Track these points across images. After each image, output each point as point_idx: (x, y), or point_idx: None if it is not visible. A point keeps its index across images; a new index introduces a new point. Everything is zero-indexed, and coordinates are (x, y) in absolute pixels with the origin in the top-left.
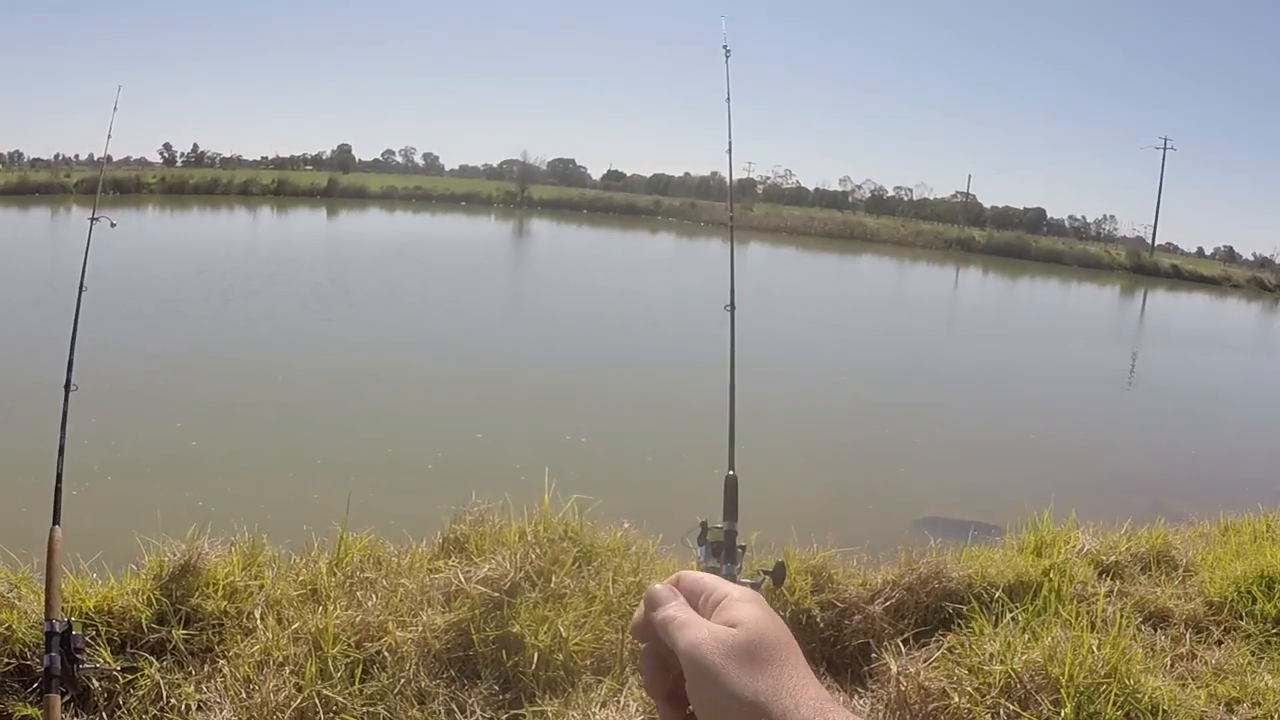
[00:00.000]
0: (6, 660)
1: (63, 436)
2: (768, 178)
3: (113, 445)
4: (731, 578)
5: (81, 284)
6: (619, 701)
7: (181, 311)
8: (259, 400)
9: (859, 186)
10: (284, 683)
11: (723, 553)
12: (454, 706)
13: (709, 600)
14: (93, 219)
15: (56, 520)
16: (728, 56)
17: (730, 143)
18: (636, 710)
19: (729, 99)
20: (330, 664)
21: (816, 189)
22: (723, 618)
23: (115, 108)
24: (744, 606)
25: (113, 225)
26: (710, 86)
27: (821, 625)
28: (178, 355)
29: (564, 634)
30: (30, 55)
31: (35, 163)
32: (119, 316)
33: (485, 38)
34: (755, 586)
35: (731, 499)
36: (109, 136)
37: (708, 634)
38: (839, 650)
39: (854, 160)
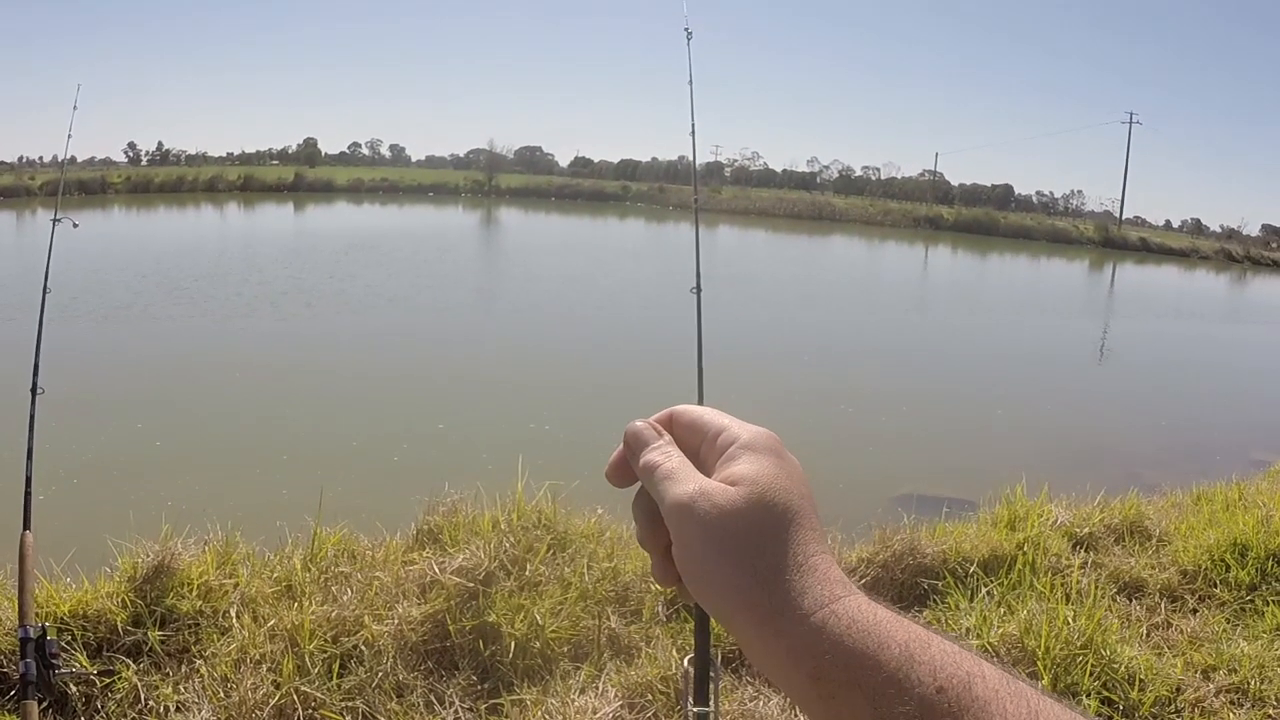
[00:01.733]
0: None
1: (31, 440)
2: (735, 160)
3: (80, 448)
4: None
5: (45, 286)
6: (597, 688)
7: (145, 312)
8: (224, 398)
9: (826, 167)
10: (262, 680)
11: None
12: (433, 698)
13: (715, 441)
14: (55, 220)
15: (27, 525)
16: (689, 39)
17: (693, 125)
18: (615, 696)
19: (691, 81)
20: (308, 660)
21: (784, 170)
22: (728, 469)
23: (75, 107)
24: (752, 459)
25: (75, 226)
26: (674, 69)
27: None
28: (142, 356)
29: (540, 622)
30: None
31: None
32: (84, 318)
33: (449, 26)
34: None
35: None
36: (69, 136)
37: (697, 491)
38: None
39: (821, 141)
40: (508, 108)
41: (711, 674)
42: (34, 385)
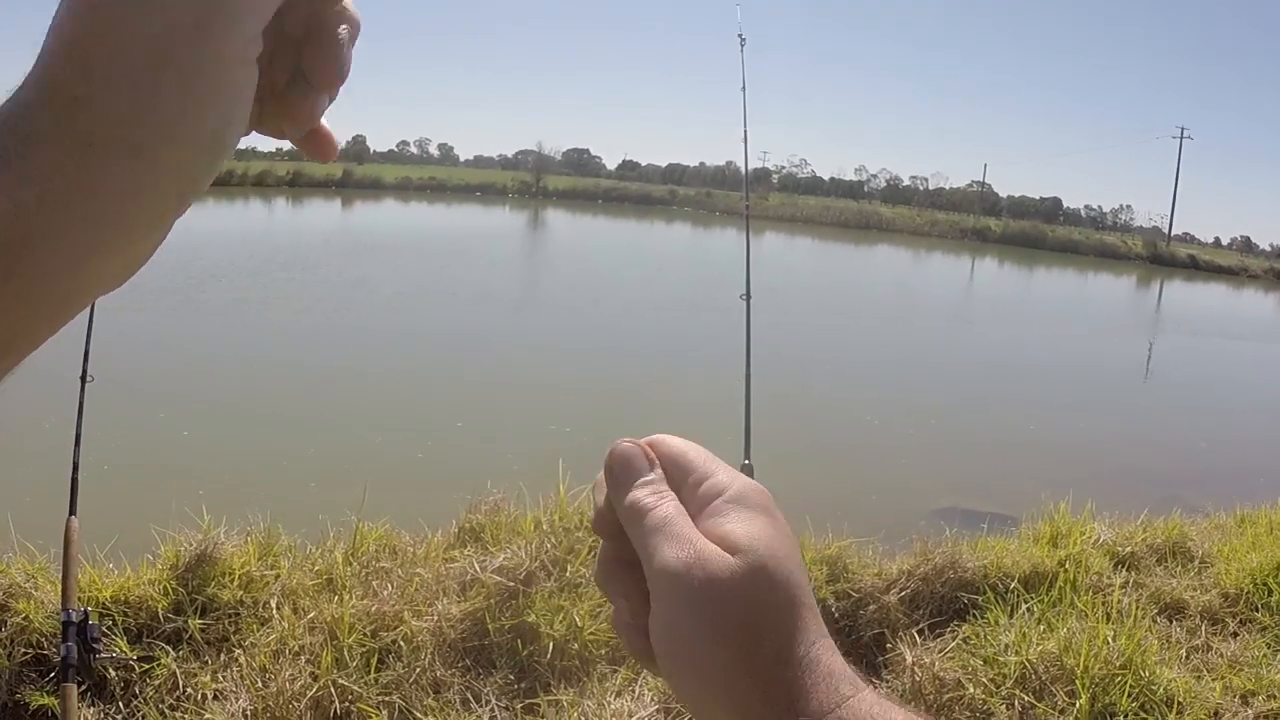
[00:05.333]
0: (24, 650)
1: (79, 427)
2: (783, 167)
3: (126, 436)
4: None
5: None
6: (634, 691)
7: (192, 304)
8: (270, 392)
9: (874, 176)
10: (300, 672)
11: None
12: (469, 695)
13: (697, 488)
14: None
15: (73, 511)
16: (743, 45)
17: (745, 131)
18: (651, 700)
19: (744, 88)
20: (346, 653)
21: (832, 178)
22: (717, 529)
23: None
24: (746, 519)
25: None
26: (725, 75)
27: (836, 615)
28: (188, 347)
29: (579, 623)
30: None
31: None
32: (130, 309)
33: (500, 27)
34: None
35: None
36: None
37: (692, 557)
38: (854, 641)
39: (869, 149)
40: (556, 110)
41: None
42: (83, 373)
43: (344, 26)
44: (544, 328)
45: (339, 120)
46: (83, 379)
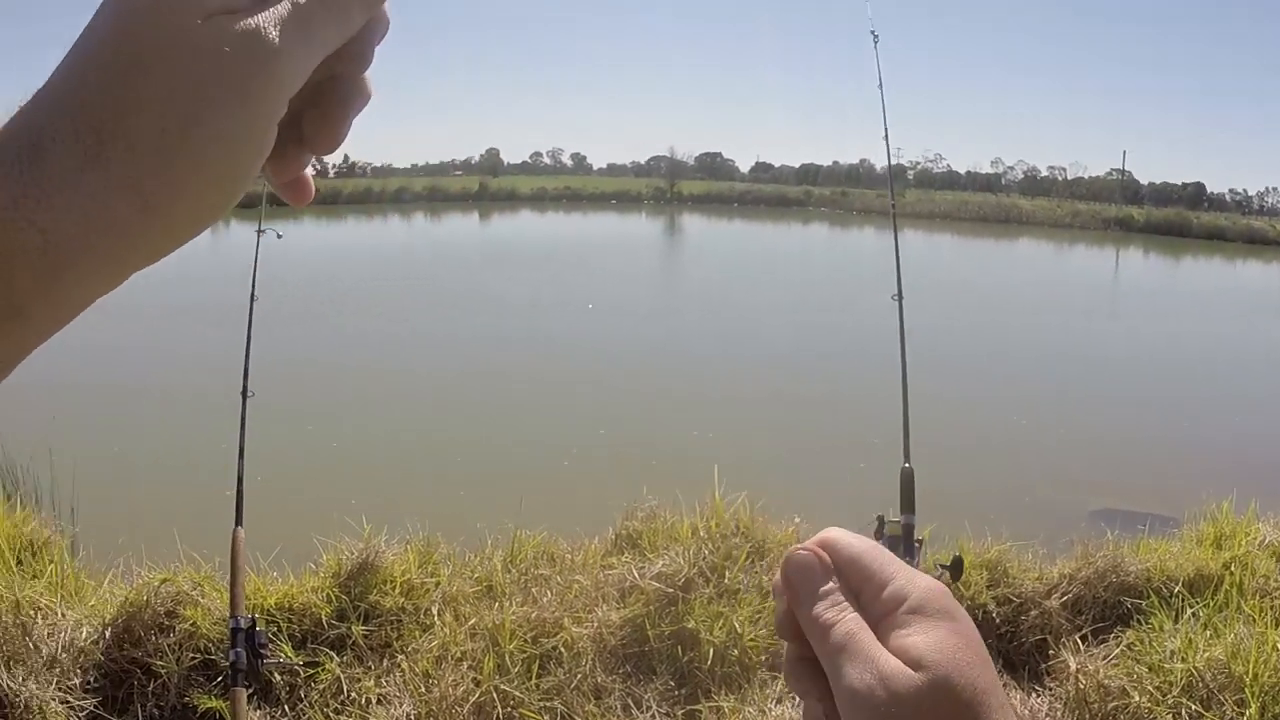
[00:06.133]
0: (191, 655)
1: (242, 440)
2: (918, 162)
3: (277, 448)
4: None
5: (253, 294)
6: (794, 698)
7: (344, 319)
8: (413, 402)
9: (1011, 168)
10: (462, 677)
11: (900, 548)
12: (630, 701)
13: (877, 595)
14: (259, 231)
15: (239, 521)
16: (876, 42)
17: (886, 130)
18: None
19: (881, 85)
20: (507, 659)
21: (968, 172)
22: (899, 641)
23: None
24: (929, 630)
25: (279, 236)
26: (856, 72)
27: (998, 621)
28: (341, 361)
29: (739, 629)
30: None
31: None
32: (284, 324)
33: (627, 35)
34: None
35: (908, 492)
36: None
37: (875, 679)
38: (1015, 647)
39: (1005, 141)
40: (687, 114)
41: None
42: (244, 389)
43: (359, 100)
44: (685, 334)
45: (470, 133)
46: (244, 394)
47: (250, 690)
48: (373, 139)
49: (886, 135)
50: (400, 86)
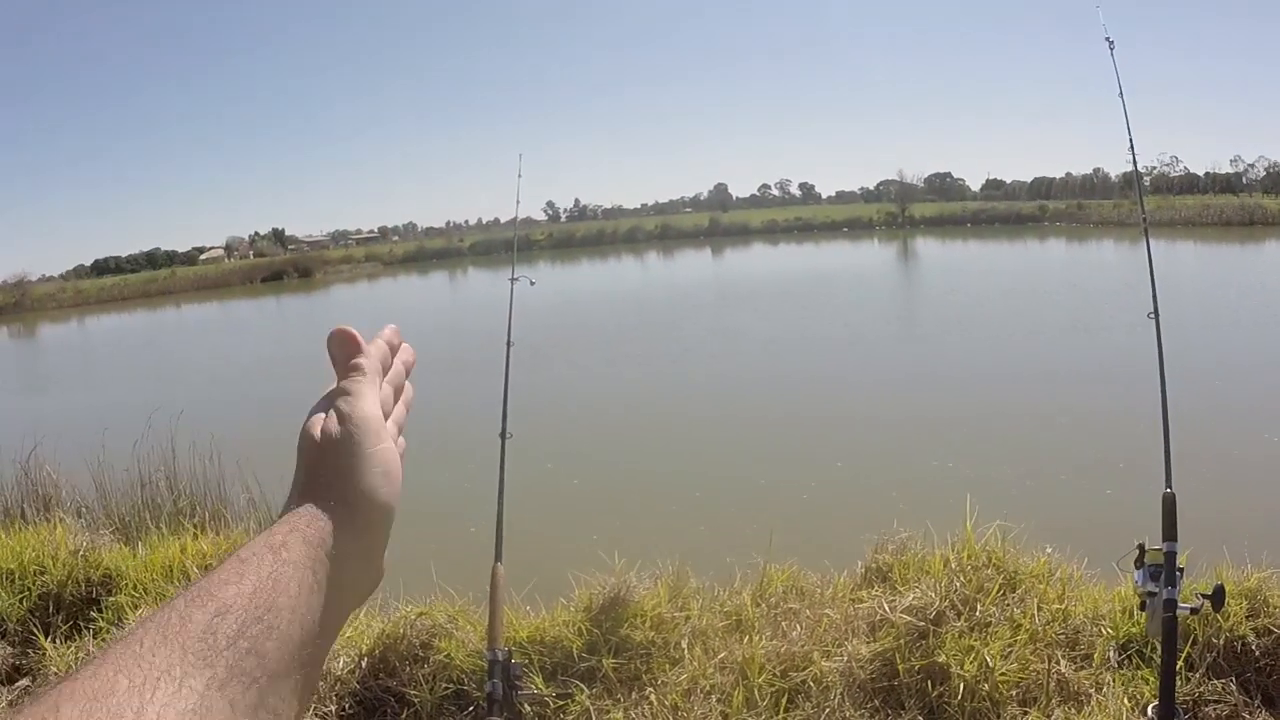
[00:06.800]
0: (445, 685)
1: (501, 480)
2: (1154, 167)
3: (534, 485)
4: (1172, 601)
5: (509, 339)
6: None
7: (589, 357)
8: (672, 439)
9: (1251, 165)
10: (710, 710)
11: (1162, 575)
12: None
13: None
14: (513, 279)
15: (499, 557)
16: (1112, 49)
17: (1130, 140)
18: None
19: (1121, 93)
20: (756, 693)
21: (1207, 173)
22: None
23: (519, 175)
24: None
25: (532, 284)
26: (1085, 80)
27: (1257, 654)
28: (589, 400)
29: (990, 664)
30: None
31: (429, 231)
32: (528, 367)
33: (847, 59)
34: (1194, 611)
35: (1169, 518)
36: (518, 201)
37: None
38: (1275, 681)
39: (1242, 136)
40: (914, 135)
41: None
42: (503, 430)
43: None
44: (926, 361)
45: (698, 170)
46: (502, 436)
47: None
48: (601, 181)
49: (1131, 145)
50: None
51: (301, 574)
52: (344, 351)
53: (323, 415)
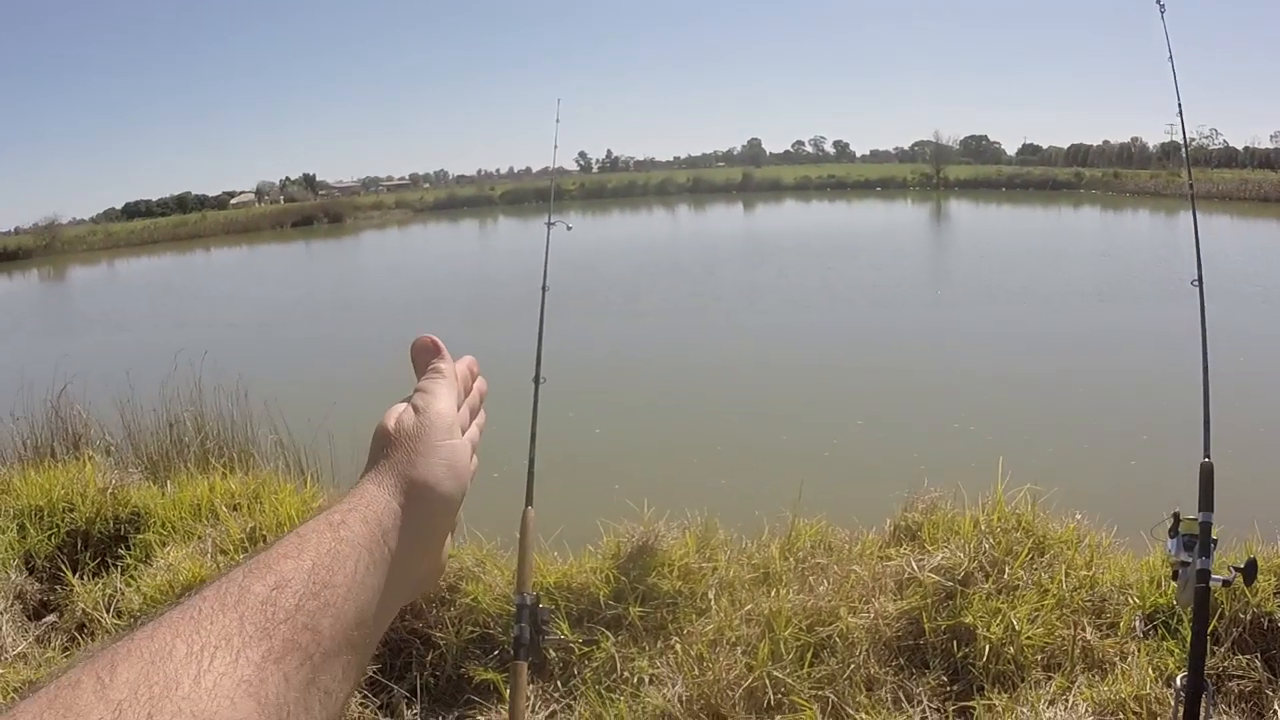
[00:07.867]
0: (471, 628)
1: (534, 425)
2: (1193, 140)
3: (566, 433)
4: (1206, 572)
5: (544, 284)
6: (1068, 700)
7: (623, 308)
8: (701, 390)
9: None
10: (735, 661)
11: (1196, 546)
12: (901, 695)
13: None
14: (549, 224)
15: (529, 502)
16: (1163, 11)
17: (1180, 106)
18: (1086, 711)
19: (1171, 58)
20: (781, 646)
21: (1246, 148)
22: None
23: (558, 120)
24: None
25: (569, 229)
26: (1125, 46)
27: None
28: (622, 349)
29: (1017, 627)
30: (473, 84)
31: (460, 179)
32: (564, 313)
33: (887, 19)
34: (1225, 584)
35: (1207, 488)
36: (555, 146)
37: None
38: None
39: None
40: (950, 96)
41: (1205, 698)
42: (536, 375)
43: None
44: (960, 324)
45: (732, 124)
46: (536, 380)
47: (530, 665)
48: (634, 132)
49: (1180, 111)
50: (660, 81)
51: (359, 553)
52: (425, 356)
53: (400, 408)
